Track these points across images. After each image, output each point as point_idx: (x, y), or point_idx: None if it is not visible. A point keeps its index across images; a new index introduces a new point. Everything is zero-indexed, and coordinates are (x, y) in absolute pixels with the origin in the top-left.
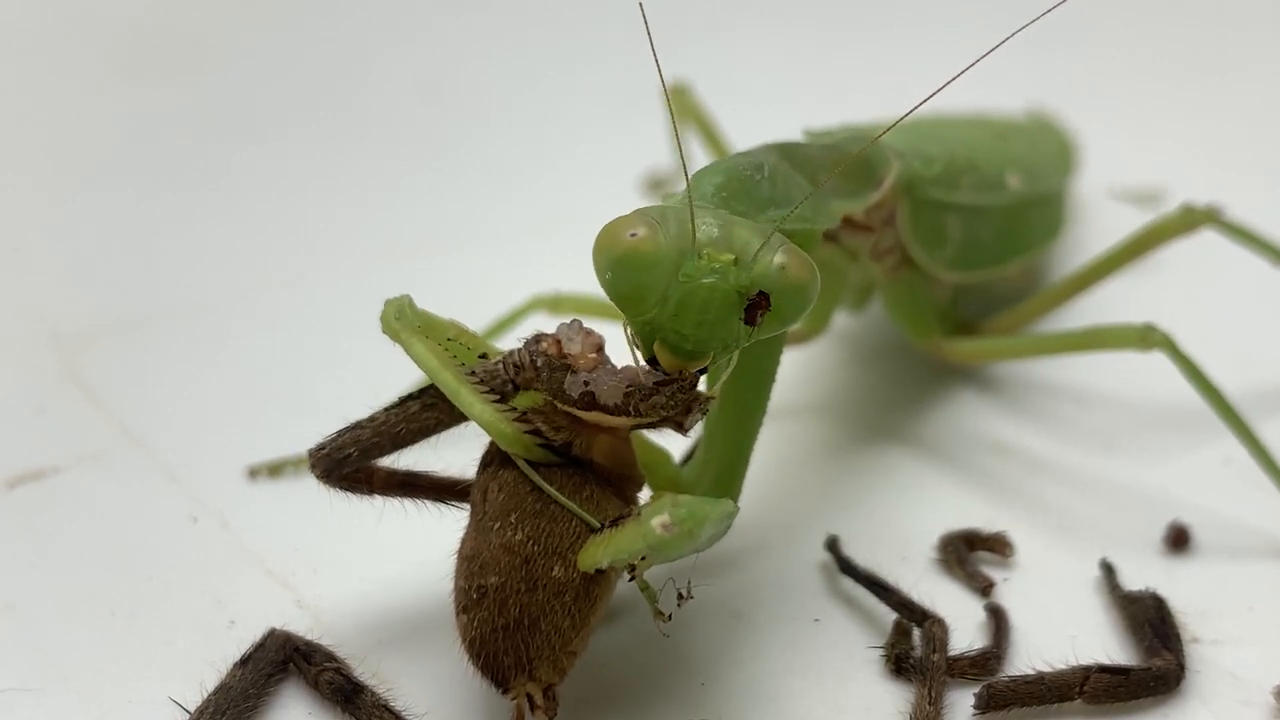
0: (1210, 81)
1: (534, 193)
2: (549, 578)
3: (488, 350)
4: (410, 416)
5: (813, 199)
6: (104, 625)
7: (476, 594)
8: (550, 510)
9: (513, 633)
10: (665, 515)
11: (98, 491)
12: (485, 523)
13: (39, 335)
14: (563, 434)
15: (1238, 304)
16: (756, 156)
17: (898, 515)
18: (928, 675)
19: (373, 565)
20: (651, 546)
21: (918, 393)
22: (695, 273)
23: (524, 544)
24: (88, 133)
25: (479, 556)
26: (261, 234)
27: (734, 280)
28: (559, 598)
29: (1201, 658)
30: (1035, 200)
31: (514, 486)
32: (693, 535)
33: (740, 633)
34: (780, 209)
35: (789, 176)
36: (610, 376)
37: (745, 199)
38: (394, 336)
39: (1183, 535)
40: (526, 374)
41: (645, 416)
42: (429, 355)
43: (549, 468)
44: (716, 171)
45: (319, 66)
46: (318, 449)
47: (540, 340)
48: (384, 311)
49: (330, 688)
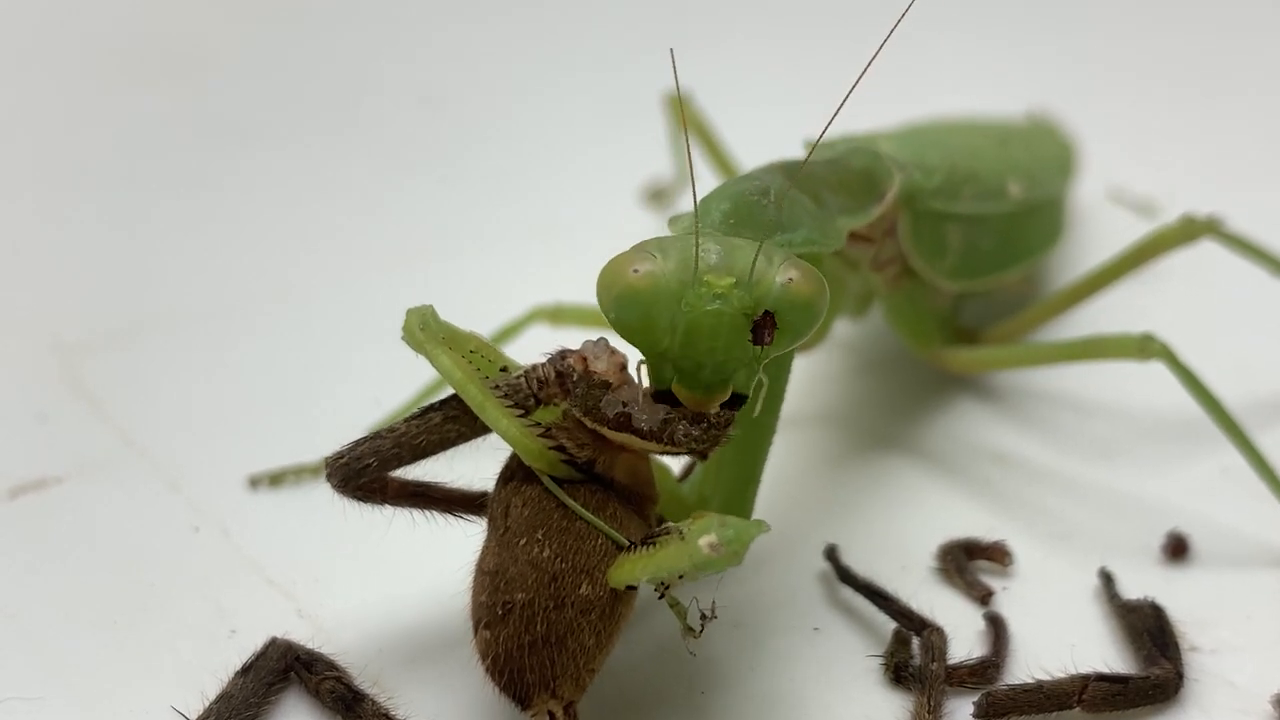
0: (1211, 89)
1: (534, 201)
2: (577, 595)
3: (507, 364)
4: (432, 428)
5: (819, 220)
6: (105, 634)
7: (502, 610)
8: (576, 527)
9: (539, 650)
10: (713, 536)
11: (99, 500)
12: (509, 538)
13: (41, 343)
14: (587, 451)
15: (1237, 314)
16: (762, 180)
17: (897, 524)
18: (927, 684)
19: (374, 574)
20: (697, 566)
21: (917, 401)
22: (698, 301)
23: (552, 560)
24: (90, 140)
25: (504, 572)
26: (263, 242)
27: (737, 303)
28: (586, 615)
29: (1200, 666)
30: (1036, 207)
31: (539, 502)
32: (737, 556)
33: (740, 642)
34: (787, 233)
35: (795, 199)
36: (647, 402)
37: (752, 225)
38: (418, 347)
39: (1181, 544)
40: (550, 389)
41: (678, 446)
42: (454, 367)
43: (571, 484)
44: (723, 198)
45: (321, 75)
46: (335, 458)
47: (566, 356)
48: (407, 321)
49: (331, 696)
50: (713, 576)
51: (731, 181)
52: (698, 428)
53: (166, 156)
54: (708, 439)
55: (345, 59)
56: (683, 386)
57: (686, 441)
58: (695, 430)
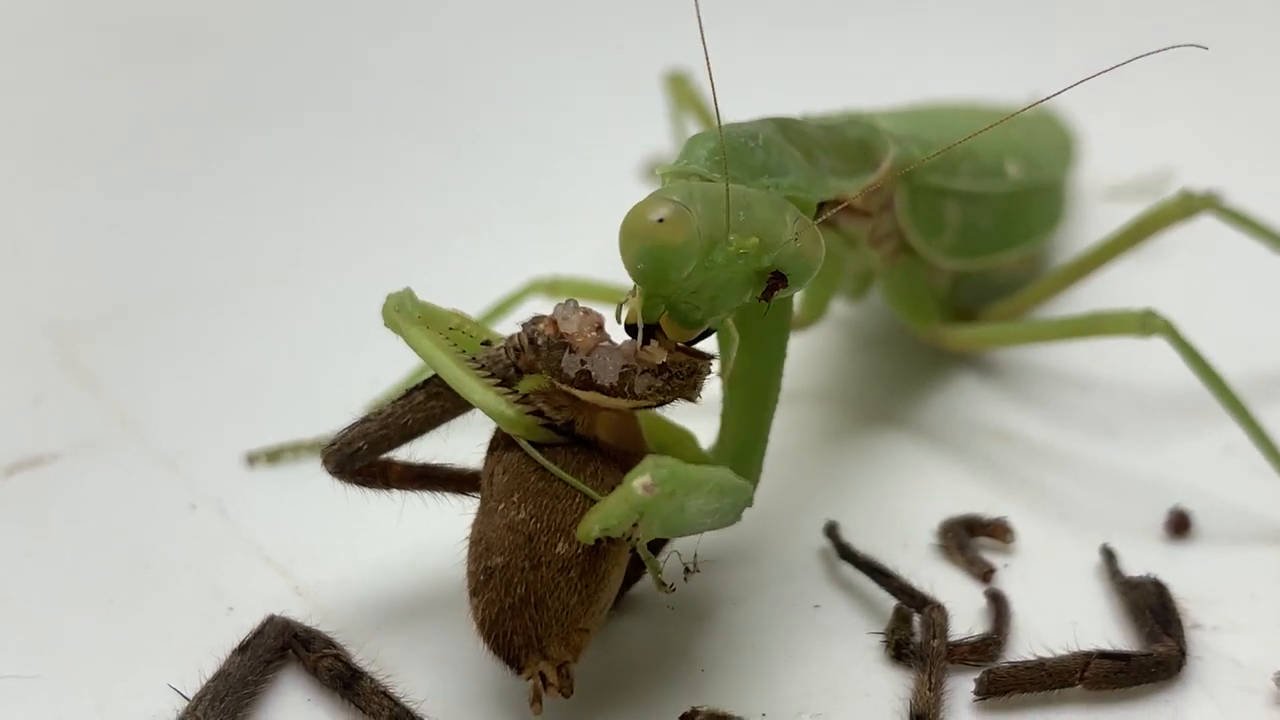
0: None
1: (534, 179)
2: (553, 554)
3: (491, 338)
4: (416, 406)
5: (808, 171)
6: (103, 612)
7: (484, 575)
8: (553, 488)
9: (520, 611)
10: (647, 476)
11: (95, 479)
12: (490, 505)
13: (36, 324)
14: (564, 413)
15: (1238, 289)
16: (751, 126)
17: (898, 501)
18: (928, 661)
19: (371, 552)
20: (635, 508)
21: (918, 379)
22: (722, 259)
23: (526, 522)
24: (84, 122)
25: (484, 538)
26: (259, 222)
27: (757, 264)
28: (564, 574)
29: (1202, 644)
30: (1035, 189)
31: (517, 467)
32: (674, 496)
33: (740, 619)
34: (774, 177)
35: (783, 147)
36: (608, 357)
37: (738, 165)
38: (395, 329)
39: (1184, 521)
40: (527, 356)
41: (641, 399)
42: (430, 345)
43: (553, 448)
44: (709, 137)
45: (317, 57)
46: (329, 445)
47: (538, 321)
48: (385, 305)
49: (329, 674)
50: (692, 538)
51: (721, 125)
52: (660, 379)
53: (163, 137)
54: (671, 388)
55: (344, 41)
56: (673, 321)
57: (650, 394)
58: (657, 381)
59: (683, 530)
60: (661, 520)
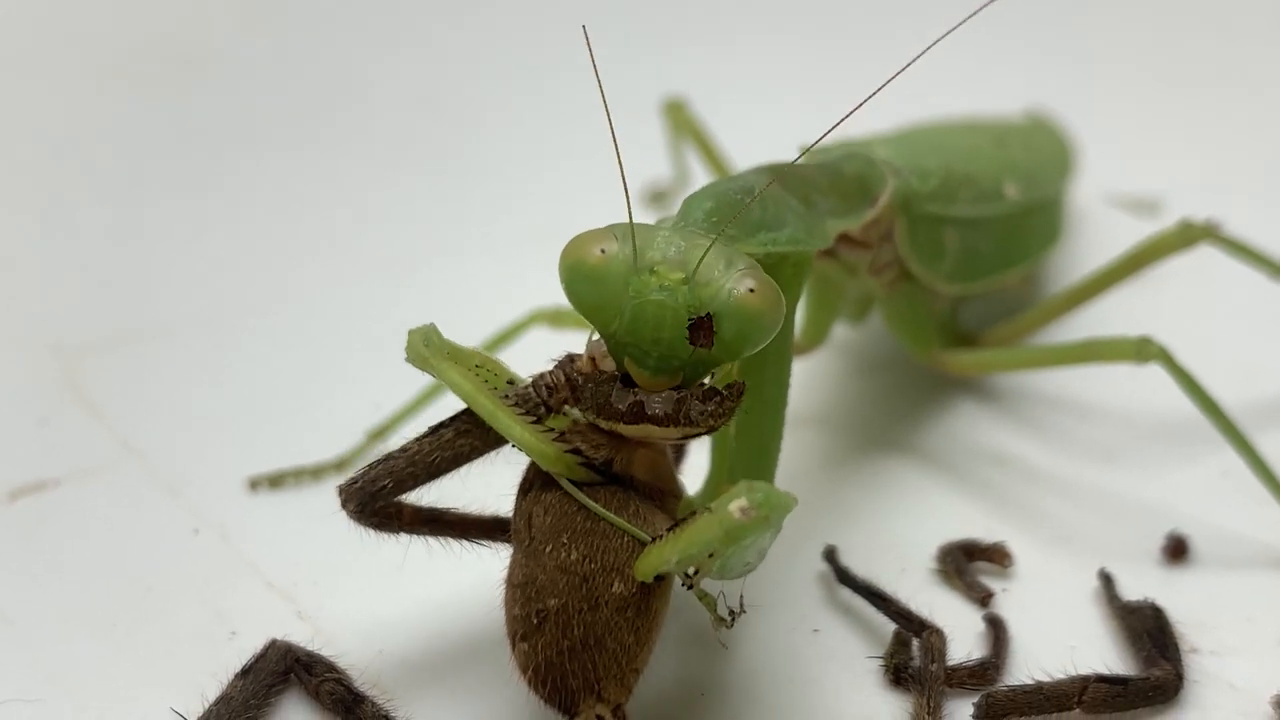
0: (1209, 90)
1: (533, 204)
2: (610, 594)
3: (513, 377)
4: (445, 444)
5: (806, 220)
6: (105, 636)
7: (536, 619)
8: (601, 528)
9: (579, 654)
10: (743, 499)
11: (99, 503)
12: (535, 547)
13: (40, 347)
14: (603, 451)
15: (1235, 317)
16: (747, 180)
17: (896, 526)
18: (926, 685)
19: (373, 576)
20: (729, 533)
21: (917, 404)
22: (643, 289)
23: (580, 563)
24: (88, 144)
25: (534, 581)
26: (262, 245)
27: (681, 299)
28: (622, 613)
29: (1200, 668)
30: (1033, 207)
31: (560, 507)
32: (769, 521)
33: (739, 643)
34: (771, 231)
35: (781, 199)
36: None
37: (736, 223)
38: (423, 365)
39: (1181, 546)
40: (560, 394)
41: (697, 425)
42: (464, 381)
43: (591, 487)
44: (707, 196)
45: (319, 79)
46: (349, 483)
47: (574, 360)
48: (410, 341)
49: (331, 698)
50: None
51: (717, 181)
52: (710, 403)
53: (166, 160)
54: (724, 411)
55: (342, 64)
56: (634, 364)
57: (702, 419)
58: (709, 406)
59: (741, 568)
60: (741, 547)
